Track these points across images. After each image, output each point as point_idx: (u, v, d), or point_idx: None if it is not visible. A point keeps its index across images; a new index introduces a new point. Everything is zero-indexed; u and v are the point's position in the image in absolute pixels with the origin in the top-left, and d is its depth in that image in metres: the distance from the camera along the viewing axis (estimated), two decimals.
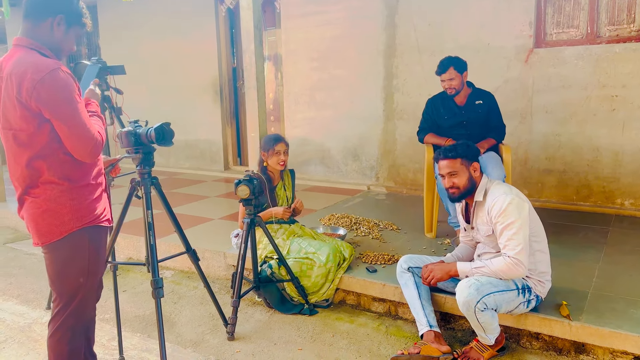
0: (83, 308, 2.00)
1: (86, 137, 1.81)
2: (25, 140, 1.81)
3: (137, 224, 3.84)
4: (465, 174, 2.53)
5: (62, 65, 1.82)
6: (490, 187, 2.52)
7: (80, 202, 1.89)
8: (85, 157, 1.84)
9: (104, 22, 7.87)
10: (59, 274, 1.94)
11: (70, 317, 1.97)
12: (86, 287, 1.97)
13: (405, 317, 3.04)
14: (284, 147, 3.28)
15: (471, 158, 2.55)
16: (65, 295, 1.96)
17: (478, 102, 3.82)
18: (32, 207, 1.87)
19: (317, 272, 3.10)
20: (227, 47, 6.97)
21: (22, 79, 1.74)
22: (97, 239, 1.99)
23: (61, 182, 1.85)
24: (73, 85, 1.81)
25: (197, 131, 7.18)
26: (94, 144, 1.83)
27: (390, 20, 5.40)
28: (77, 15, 1.91)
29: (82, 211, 1.90)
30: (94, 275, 2.00)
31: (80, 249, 1.93)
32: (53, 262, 1.93)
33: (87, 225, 1.92)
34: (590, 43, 4.50)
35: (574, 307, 2.66)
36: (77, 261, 1.93)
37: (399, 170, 5.63)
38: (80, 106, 1.82)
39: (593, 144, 4.56)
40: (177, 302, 3.39)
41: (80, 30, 1.95)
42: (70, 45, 1.95)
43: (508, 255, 2.34)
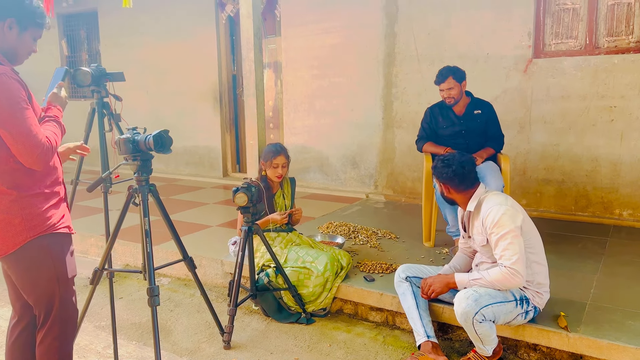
0: (63, 314, 1.96)
1: (31, 144, 1.74)
2: None
3: (134, 230, 3.84)
4: (440, 188, 2.65)
5: (9, 71, 1.77)
6: (485, 198, 2.51)
7: (31, 210, 1.84)
8: (33, 164, 1.78)
9: (104, 27, 7.89)
10: (29, 285, 1.90)
11: (54, 326, 1.94)
12: (61, 293, 1.94)
13: (402, 327, 3.02)
14: (283, 160, 3.25)
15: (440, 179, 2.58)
16: (43, 305, 1.93)
17: (477, 112, 3.82)
18: None
19: (314, 282, 3.09)
20: (227, 54, 7.00)
21: None
22: (59, 244, 1.93)
23: (10, 191, 1.81)
24: (19, 91, 1.75)
25: (196, 137, 7.19)
26: (40, 151, 1.76)
27: (390, 30, 5.42)
28: (30, 16, 1.84)
29: (34, 220, 1.84)
30: (64, 280, 1.95)
31: (43, 257, 1.88)
32: (18, 274, 1.89)
33: (42, 233, 1.87)
34: (589, 54, 4.51)
35: (572, 319, 2.65)
36: (44, 269, 1.89)
37: (397, 179, 5.63)
38: (27, 112, 1.75)
39: (592, 154, 4.57)
40: (173, 310, 3.37)
41: (37, 31, 1.88)
42: (28, 48, 1.88)
43: (504, 265, 2.33)
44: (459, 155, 2.58)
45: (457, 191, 2.55)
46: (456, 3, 5.01)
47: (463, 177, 2.52)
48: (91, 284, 2.62)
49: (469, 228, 2.62)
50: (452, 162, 2.53)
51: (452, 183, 2.54)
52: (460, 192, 2.54)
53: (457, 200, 2.58)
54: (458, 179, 2.52)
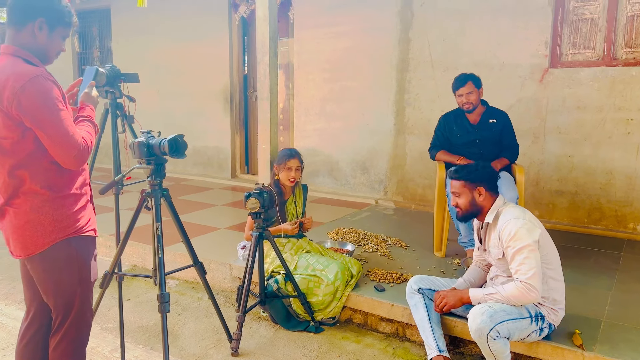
0: (81, 317, 1.96)
1: (69, 145, 1.75)
2: (9, 149, 1.78)
3: (143, 231, 3.81)
4: (468, 196, 2.53)
5: (44, 72, 1.78)
6: (503, 210, 2.47)
7: (62, 211, 1.85)
8: (69, 164, 1.80)
9: (117, 26, 7.90)
10: (53, 285, 1.89)
11: (71, 328, 1.93)
12: (82, 297, 1.94)
13: (413, 340, 2.98)
14: (296, 163, 3.24)
15: (476, 181, 2.51)
16: (62, 307, 1.91)
17: (492, 121, 3.77)
18: (15, 219, 1.82)
19: (324, 290, 3.05)
20: (239, 55, 6.98)
21: (4, 88, 1.71)
22: (84, 247, 1.93)
23: (43, 191, 1.81)
24: (55, 92, 1.76)
25: (206, 138, 7.17)
26: (77, 151, 1.78)
27: (405, 35, 5.38)
28: (59, 16, 1.84)
29: (65, 221, 1.85)
30: (87, 283, 1.95)
31: (68, 259, 1.88)
32: (42, 274, 1.88)
33: (71, 235, 1.87)
34: (607, 65, 4.45)
35: (587, 337, 2.60)
36: (68, 271, 1.89)
37: (407, 186, 5.58)
38: (63, 113, 1.76)
39: (606, 166, 4.51)
40: (181, 313, 3.35)
41: (65, 30, 1.88)
42: (57, 47, 1.89)
43: (520, 280, 2.28)
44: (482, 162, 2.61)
45: (490, 195, 2.51)
46: (472, 10, 4.96)
47: (494, 180, 2.55)
48: (100, 287, 2.60)
49: (484, 240, 2.57)
50: (487, 165, 2.58)
51: (488, 186, 2.51)
52: (492, 196, 2.52)
53: (487, 206, 2.51)
54: (492, 180, 2.53)
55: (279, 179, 3.28)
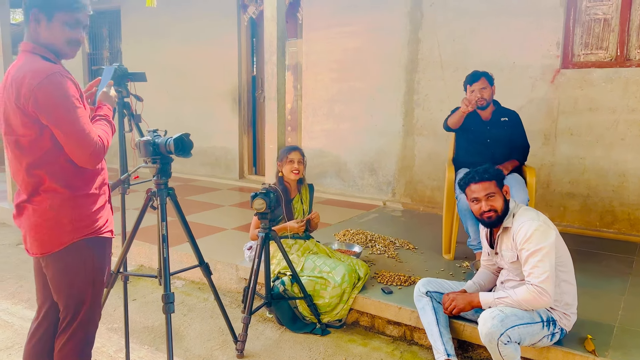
0: (90, 318, 1.94)
1: (84, 143, 1.73)
2: (27, 146, 1.76)
3: (149, 231, 3.80)
4: (501, 197, 2.44)
5: (62, 69, 1.75)
6: (517, 212, 2.42)
7: (81, 211, 1.83)
8: (85, 163, 1.77)
9: (126, 27, 7.93)
10: (66, 285, 1.87)
11: (79, 329, 1.91)
12: (93, 298, 1.92)
13: (421, 343, 2.93)
14: (298, 155, 3.24)
15: (502, 181, 2.50)
16: (72, 307, 1.90)
17: (503, 119, 3.73)
18: (34, 216, 1.81)
19: (331, 293, 3.01)
20: (248, 56, 6.97)
21: (21, 85, 1.69)
22: (100, 249, 1.92)
23: (62, 190, 1.79)
24: (71, 89, 1.74)
25: (214, 138, 7.17)
26: (93, 150, 1.75)
27: (414, 35, 5.34)
28: (52, 1, 1.74)
29: (83, 221, 1.84)
30: (98, 286, 1.94)
31: (84, 260, 1.87)
32: (56, 273, 1.87)
33: (88, 236, 1.86)
34: (620, 66, 4.38)
35: (599, 342, 2.54)
36: (82, 272, 1.88)
37: (416, 187, 5.53)
38: (79, 111, 1.74)
39: (619, 168, 4.43)
40: (186, 314, 3.33)
41: (67, 15, 1.76)
42: (63, 36, 1.77)
43: (532, 283, 2.23)
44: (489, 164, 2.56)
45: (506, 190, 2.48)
46: (483, 10, 4.91)
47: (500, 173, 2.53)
48: (106, 287, 2.57)
49: (497, 244, 2.52)
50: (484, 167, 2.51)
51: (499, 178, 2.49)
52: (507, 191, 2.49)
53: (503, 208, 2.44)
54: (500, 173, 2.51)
55: (283, 175, 3.27)
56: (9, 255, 4.47)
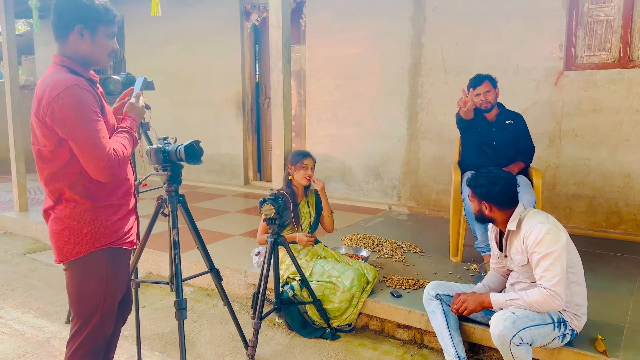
0: (100, 330, 1.94)
1: (96, 156, 1.72)
2: (48, 157, 1.79)
3: (158, 238, 3.82)
4: (476, 206, 2.53)
5: (83, 82, 1.76)
6: (526, 216, 2.43)
7: (101, 222, 1.85)
8: (98, 175, 1.76)
9: (130, 36, 7.98)
10: (77, 293, 1.89)
11: (88, 338, 1.92)
12: (103, 309, 1.92)
13: (431, 346, 2.93)
14: (311, 162, 3.28)
15: (483, 197, 2.47)
16: (82, 316, 1.91)
17: (508, 122, 3.74)
18: (55, 224, 1.84)
19: (340, 297, 3.02)
20: (251, 63, 7.01)
21: (41, 97, 1.72)
22: (117, 260, 1.92)
23: (83, 201, 1.81)
24: (89, 102, 1.74)
25: (219, 145, 7.20)
26: (105, 163, 1.73)
27: (417, 40, 5.37)
28: (96, 17, 1.81)
29: (102, 232, 1.85)
30: (111, 297, 1.94)
31: (98, 270, 1.87)
32: (71, 280, 1.89)
33: (106, 246, 1.86)
34: (623, 67, 4.40)
35: (610, 342, 2.54)
36: (94, 282, 1.88)
37: (421, 191, 5.55)
38: (96, 124, 1.74)
39: (624, 170, 4.44)
40: (196, 320, 3.34)
41: (109, 28, 1.85)
42: (106, 48, 1.86)
43: (544, 287, 2.24)
44: (504, 173, 2.50)
45: (500, 210, 2.46)
46: (485, 13, 4.93)
47: (510, 196, 2.45)
48: None
49: (506, 247, 2.53)
50: (498, 180, 2.44)
51: (497, 202, 2.44)
52: (503, 210, 2.46)
53: (498, 219, 2.49)
54: (505, 197, 2.44)
55: (292, 179, 3.29)
56: (18, 264, 4.49)
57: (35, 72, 10.38)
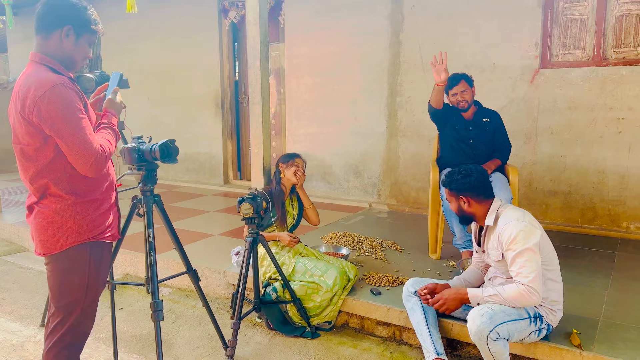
0: (80, 325, 1.95)
1: (86, 152, 1.78)
2: (32, 155, 1.82)
3: (135, 238, 3.77)
4: (455, 204, 2.56)
5: (67, 81, 1.81)
6: (503, 212, 2.45)
7: (85, 216, 1.89)
8: (87, 172, 1.82)
9: (106, 32, 7.80)
10: (58, 286, 1.91)
11: (68, 334, 1.93)
12: (84, 303, 1.94)
13: (410, 343, 2.95)
14: (302, 162, 3.38)
15: (459, 190, 2.50)
16: (63, 310, 1.92)
17: (485, 120, 3.78)
18: (39, 217, 1.87)
19: (323, 296, 3.02)
20: (230, 61, 6.95)
21: (26, 96, 1.75)
22: (99, 254, 1.96)
23: (67, 196, 1.85)
24: (75, 100, 1.79)
25: (198, 144, 7.13)
26: (94, 159, 1.80)
27: (395, 38, 5.39)
28: (85, 23, 1.89)
29: (86, 225, 1.89)
30: (92, 291, 1.96)
31: (80, 264, 1.91)
32: (53, 274, 1.92)
33: (89, 239, 1.91)
34: (597, 65, 4.47)
35: (585, 336, 2.58)
36: (76, 275, 1.91)
37: (401, 188, 5.57)
38: (83, 121, 1.79)
39: (599, 166, 4.52)
40: (174, 321, 3.30)
41: (91, 37, 1.93)
42: (84, 54, 1.93)
43: (522, 283, 2.26)
44: (473, 166, 2.53)
45: (478, 202, 2.48)
46: (462, 12, 4.97)
47: (484, 187, 2.48)
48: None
49: (484, 242, 2.55)
50: (471, 171, 2.48)
51: (473, 194, 2.47)
52: (481, 202, 2.48)
53: (477, 213, 2.50)
54: (480, 188, 2.47)
55: (283, 177, 3.33)
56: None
57: (8, 70, 10.14)
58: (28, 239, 4.82)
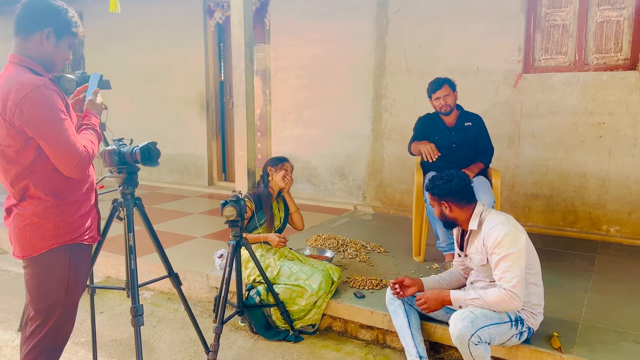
0: (60, 328, 1.93)
1: (69, 154, 1.78)
2: (13, 157, 1.81)
3: (117, 241, 3.71)
4: (437, 209, 2.57)
5: (48, 82, 1.79)
6: (487, 217, 2.46)
7: (65, 218, 1.87)
8: (70, 172, 1.82)
9: (90, 31, 7.73)
10: (37, 289, 1.89)
11: (47, 337, 1.90)
12: (64, 306, 1.92)
13: (393, 346, 2.95)
14: (290, 166, 3.38)
15: (441, 196, 2.51)
16: (42, 313, 1.90)
17: (467, 124, 3.81)
18: (18, 220, 1.86)
19: (307, 300, 3.01)
20: (215, 62, 6.91)
21: (7, 98, 1.73)
22: (79, 257, 1.94)
23: (47, 198, 1.84)
24: (57, 102, 1.78)
25: (182, 145, 7.07)
26: (78, 160, 1.80)
27: (381, 41, 5.40)
28: (66, 26, 1.88)
29: (65, 228, 1.88)
30: (72, 294, 1.94)
31: (60, 266, 1.89)
32: (32, 277, 1.89)
33: (69, 242, 1.89)
34: (578, 70, 4.53)
35: (565, 339, 2.61)
36: (56, 278, 1.89)
37: (386, 191, 5.59)
38: (65, 123, 1.79)
39: (580, 170, 4.58)
40: (156, 325, 3.26)
41: (72, 39, 1.92)
42: (64, 56, 1.92)
43: (504, 287, 2.28)
44: (455, 172, 2.54)
45: (460, 207, 2.49)
46: (447, 16, 5.01)
47: (466, 192, 2.48)
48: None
49: (466, 247, 2.56)
50: (452, 177, 2.48)
51: (454, 199, 2.48)
52: (462, 208, 2.49)
53: (459, 218, 2.51)
54: (461, 193, 2.47)
55: (271, 181, 3.31)
56: None
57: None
58: (6, 241, 4.73)
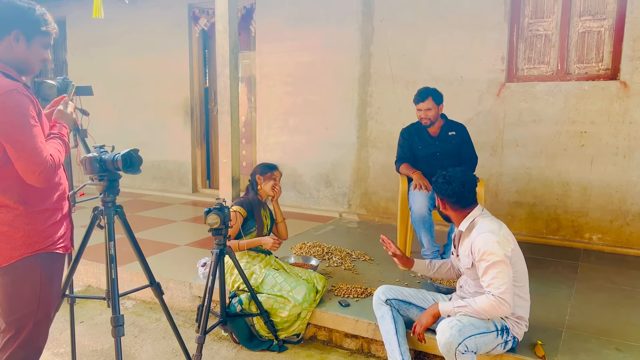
0: (33, 340, 1.87)
1: (35, 161, 1.72)
2: None
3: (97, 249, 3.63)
4: (437, 201, 2.62)
5: (20, 87, 1.75)
6: (479, 221, 2.46)
7: (35, 227, 1.82)
8: (34, 181, 1.75)
9: (72, 37, 7.66)
10: (8, 301, 1.83)
11: (20, 350, 1.84)
12: (37, 317, 1.86)
13: (378, 355, 2.93)
14: (279, 174, 3.34)
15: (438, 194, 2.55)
16: (14, 325, 1.84)
17: (451, 134, 3.84)
18: None
19: (291, 311, 2.97)
20: (200, 68, 6.87)
21: None
22: (51, 265, 1.89)
23: (16, 206, 1.78)
24: (28, 107, 1.74)
25: (166, 151, 7.00)
26: (43, 168, 1.73)
27: (366, 49, 5.42)
28: (34, 25, 1.82)
29: (36, 237, 1.82)
30: (45, 305, 1.88)
31: (31, 276, 1.83)
32: (2, 287, 1.83)
33: (40, 251, 1.84)
34: (561, 80, 4.60)
35: (549, 347, 2.62)
36: (27, 288, 1.83)
37: (371, 198, 5.59)
38: (34, 129, 1.74)
39: (562, 178, 4.63)
40: (137, 335, 3.20)
41: (44, 39, 1.86)
42: (39, 57, 1.87)
43: (492, 294, 2.27)
44: (461, 174, 2.52)
45: (453, 209, 2.51)
46: (431, 26, 5.05)
47: (462, 197, 2.48)
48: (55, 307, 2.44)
49: (458, 247, 2.57)
50: (453, 179, 2.48)
51: (450, 200, 2.50)
52: (456, 210, 2.51)
53: (452, 217, 2.54)
54: (456, 197, 2.48)
55: (260, 189, 3.27)
56: None
57: None
58: None
